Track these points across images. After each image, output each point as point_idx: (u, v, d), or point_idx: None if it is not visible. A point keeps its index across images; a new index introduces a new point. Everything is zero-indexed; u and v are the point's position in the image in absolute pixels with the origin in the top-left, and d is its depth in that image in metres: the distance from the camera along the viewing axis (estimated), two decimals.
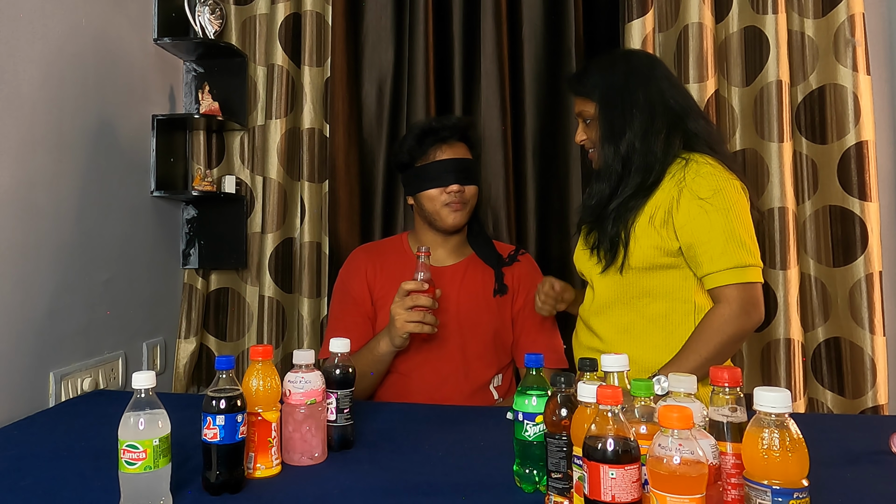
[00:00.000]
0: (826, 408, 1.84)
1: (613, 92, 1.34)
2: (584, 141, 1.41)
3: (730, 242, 1.22)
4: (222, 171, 2.16)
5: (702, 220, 1.24)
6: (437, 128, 1.60)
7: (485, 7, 1.99)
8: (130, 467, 0.86)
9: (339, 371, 1.12)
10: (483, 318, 1.60)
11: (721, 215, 1.23)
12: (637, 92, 1.32)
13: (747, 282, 1.22)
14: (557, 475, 0.84)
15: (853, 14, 1.80)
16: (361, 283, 1.65)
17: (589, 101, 1.37)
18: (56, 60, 1.55)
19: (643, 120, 1.30)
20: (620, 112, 1.32)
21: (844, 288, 1.81)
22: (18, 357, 1.43)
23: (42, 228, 1.51)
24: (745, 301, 1.22)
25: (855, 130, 1.80)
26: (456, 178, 1.57)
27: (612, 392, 0.73)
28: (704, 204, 1.24)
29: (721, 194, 1.24)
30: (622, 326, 1.35)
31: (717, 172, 1.26)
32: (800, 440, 0.71)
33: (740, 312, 1.21)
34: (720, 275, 1.23)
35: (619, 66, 1.38)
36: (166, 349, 2.02)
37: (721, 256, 1.23)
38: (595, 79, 1.37)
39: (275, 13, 2.04)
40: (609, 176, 1.33)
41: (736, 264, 1.22)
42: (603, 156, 1.34)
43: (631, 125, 1.30)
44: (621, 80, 1.34)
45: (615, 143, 1.31)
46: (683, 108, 1.35)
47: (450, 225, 1.59)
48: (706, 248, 1.24)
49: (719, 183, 1.25)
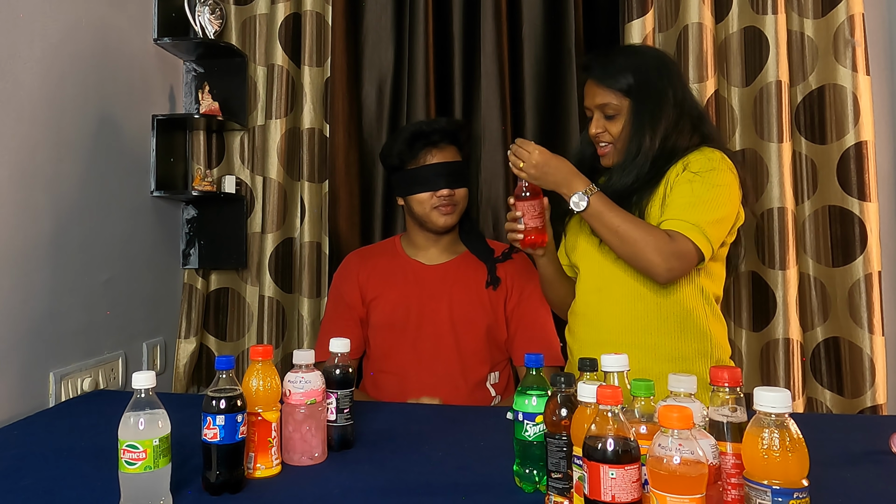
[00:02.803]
0: (825, 407, 1.84)
1: (649, 87, 1.32)
2: (602, 134, 1.37)
3: (696, 206, 1.25)
4: (222, 171, 2.16)
5: (685, 187, 1.27)
6: (428, 131, 1.62)
7: (485, 7, 1.99)
8: (130, 467, 0.86)
9: (339, 371, 1.13)
10: (477, 315, 1.62)
11: (703, 187, 1.26)
12: (668, 90, 1.33)
13: (690, 238, 1.23)
14: (557, 475, 0.84)
15: (853, 14, 1.80)
16: (353, 287, 1.67)
17: (618, 94, 1.33)
18: (56, 60, 1.55)
19: (673, 118, 1.32)
20: (654, 108, 1.31)
21: (844, 288, 1.81)
22: (18, 357, 1.43)
23: (42, 228, 1.51)
24: (679, 250, 1.23)
25: (854, 131, 1.80)
26: (446, 183, 1.59)
27: (612, 392, 0.73)
28: (694, 176, 1.27)
29: (713, 173, 1.27)
30: (636, 316, 1.34)
31: (718, 158, 1.30)
32: (800, 440, 0.71)
33: (668, 252, 1.22)
34: (674, 222, 1.25)
35: (651, 62, 1.37)
36: (166, 349, 2.02)
37: (683, 211, 1.25)
38: (627, 72, 1.34)
39: (275, 13, 2.04)
40: (632, 170, 1.31)
41: (690, 220, 1.24)
42: (632, 150, 1.32)
43: (661, 123, 1.31)
44: (655, 77, 1.34)
45: (649, 138, 1.30)
46: (699, 110, 1.38)
47: (440, 226, 1.61)
48: (675, 203, 1.27)
49: (715, 164, 1.28)
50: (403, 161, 1.63)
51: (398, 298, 1.64)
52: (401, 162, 1.64)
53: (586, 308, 1.42)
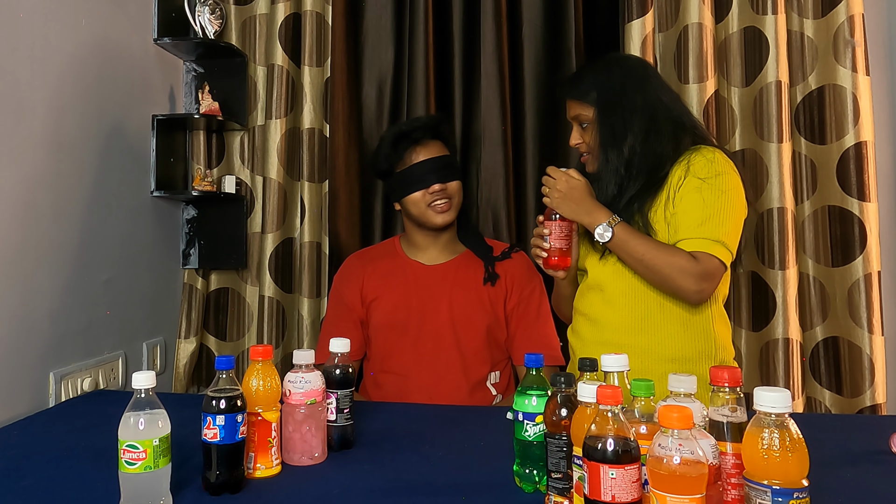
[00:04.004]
0: (824, 407, 1.84)
1: (612, 96, 1.34)
2: (580, 144, 1.40)
3: (712, 219, 1.26)
4: (222, 171, 2.16)
5: (694, 196, 1.28)
6: (408, 130, 1.63)
7: (485, 7, 1.99)
8: (130, 467, 0.86)
9: (339, 371, 1.13)
10: (477, 315, 1.62)
11: (713, 195, 1.27)
12: (635, 95, 1.33)
13: (715, 255, 1.25)
14: (557, 475, 0.84)
15: (853, 15, 1.80)
16: (353, 289, 1.68)
17: (585, 105, 1.37)
18: (56, 60, 1.55)
19: (644, 122, 1.32)
20: (620, 116, 1.32)
21: (843, 288, 1.81)
22: (18, 357, 1.43)
23: (42, 228, 1.51)
24: (706, 270, 1.24)
25: (854, 131, 1.80)
26: (437, 178, 1.59)
27: (612, 392, 0.73)
28: (701, 183, 1.27)
29: (720, 178, 1.28)
30: (639, 317, 1.34)
31: (721, 160, 1.30)
32: (800, 440, 0.71)
33: (696, 274, 1.24)
34: (694, 241, 1.25)
35: (615, 71, 1.39)
36: (166, 349, 2.02)
37: (699, 227, 1.26)
38: (591, 83, 1.37)
39: (275, 13, 2.04)
40: (611, 178, 1.33)
41: (710, 237, 1.25)
42: (604, 160, 1.34)
43: (632, 128, 1.31)
44: (618, 84, 1.35)
45: (617, 147, 1.32)
46: (678, 111, 1.38)
47: (438, 224, 1.62)
48: (689, 216, 1.27)
49: (720, 168, 1.29)
50: (392, 164, 1.65)
51: (398, 299, 1.64)
52: (389, 166, 1.65)
53: (590, 308, 1.41)
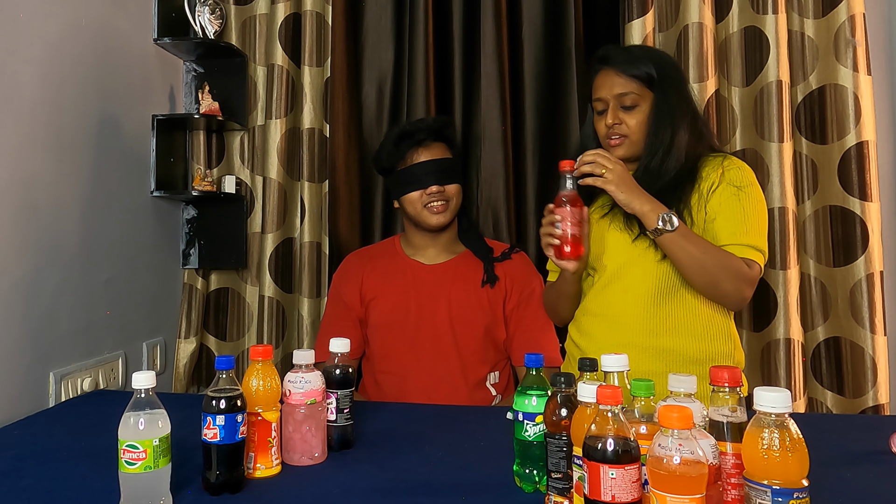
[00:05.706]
0: (826, 407, 1.84)
1: (673, 82, 1.35)
2: (619, 126, 1.33)
3: (754, 228, 1.29)
4: (222, 171, 2.16)
5: (733, 202, 1.29)
6: (412, 131, 1.63)
7: (485, 7, 1.99)
8: (130, 467, 0.86)
9: (339, 371, 1.12)
10: (475, 314, 1.62)
11: (751, 204, 1.30)
12: (687, 88, 1.39)
13: (758, 262, 1.28)
14: (557, 475, 0.84)
15: (853, 14, 1.80)
16: (352, 288, 1.68)
17: (639, 84, 1.32)
18: (56, 60, 1.55)
19: (691, 115, 1.35)
20: (677, 103, 1.33)
21: (845, 288, 1.81)
22: (18, 357, 1.43)
23: (42, 228, 1.51)
24: (754, 277, 1.27)
25: (855, 131, 1.80)
26: (435, 179, 1.59)
27: (612, 392, 0.73)
28: (738, 192, 1.30)
29: (753, 188, 1.31)
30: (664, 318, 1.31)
31: (749, 171, 1.34)
32: (800, 440, 0.71)
33: (746, 281, 1.26)
34: (741, 248, 1.27)
35: (669, 60, 1.41)
36: (166, 349, 2.02)
37: (745, 234, 1.28)
38: (647, 62, 1.34)
39: (275, 13, 2.04)
40: (670, 163, 1.30)
41: (755, 245, 1.28)
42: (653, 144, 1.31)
43: (682, 118, 1.32)
44: (675, 73, 1.38)
45: (673, 129, 1.30)
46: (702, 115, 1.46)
47: (433, 225, 1.62)
48: (732, 223, 1.28)
49: (752, 178, 1.33)
50: (393, 163, 1.65)
51: (397, 299, 1.64)
52: (391, 164, 1.66)
53: (608, 308, 1.36)
